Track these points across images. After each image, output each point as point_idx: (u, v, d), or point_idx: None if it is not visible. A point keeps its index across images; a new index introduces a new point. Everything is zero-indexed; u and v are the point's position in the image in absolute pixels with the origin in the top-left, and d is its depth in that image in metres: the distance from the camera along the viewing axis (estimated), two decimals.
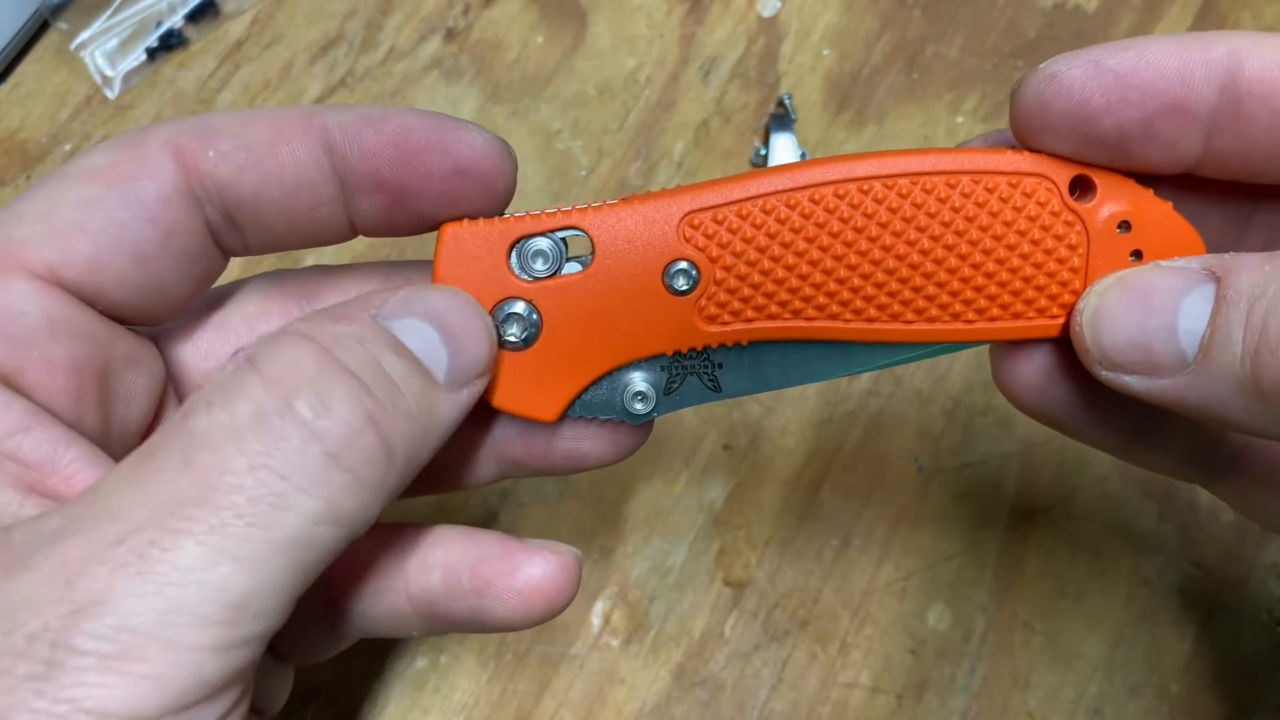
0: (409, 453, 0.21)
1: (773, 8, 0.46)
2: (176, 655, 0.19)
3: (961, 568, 0.38)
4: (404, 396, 0.21)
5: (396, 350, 0.22)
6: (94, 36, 0.45)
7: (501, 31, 0.46)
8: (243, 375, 0.20)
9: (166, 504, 0.19)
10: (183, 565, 0.19)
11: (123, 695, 0.18)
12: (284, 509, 0.19)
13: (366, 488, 0.20)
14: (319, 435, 0.20)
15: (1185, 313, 0.22)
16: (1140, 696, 0.37)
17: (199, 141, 0.24)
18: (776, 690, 0.37)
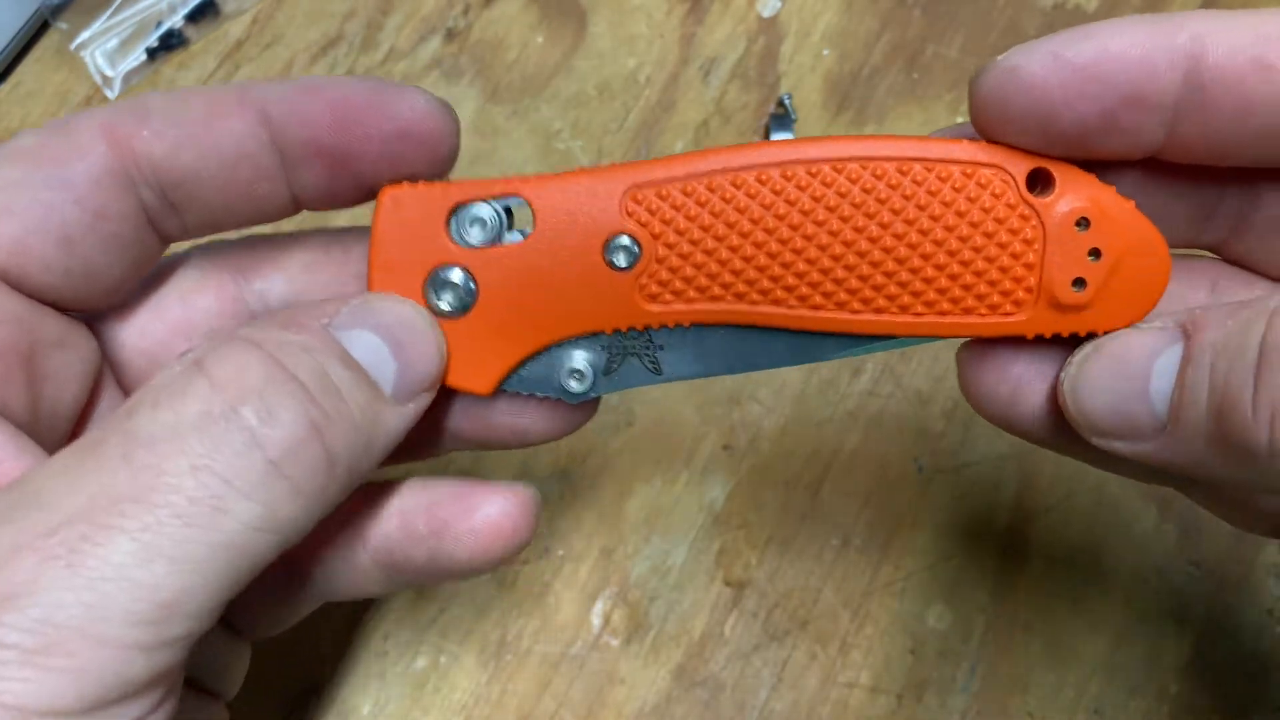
0: (351, 463, 0.21)
1: (773, 8, 0.46)
2: (102, 652, 0.19)
3: (961, 568, 0.38)
4: (349, 407, 0.21)
5: (344, 361, 0.22)
6: (94, 36, 0.45)
7: (501, 31, 0.46)
8: (190, 376, 0.20)
9: (102, 499, 0.19)
10: (115, 561, 0.19)
11: (43, 690, 0.18)
12: (223, 512, 0.19)
13: (306, 496, 0.20)
14: (262, 442, 0.20)
15: (1157, 374, 0.22)
16: (1140, 696, 0.37)
17: (132, 122, 0.23)
18: (776, 690, 0.37)
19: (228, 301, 0.26)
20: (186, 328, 0.26)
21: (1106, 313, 0.24)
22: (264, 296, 0.27)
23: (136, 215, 0.24)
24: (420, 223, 0.24)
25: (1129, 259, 0.23)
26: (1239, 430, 0.20)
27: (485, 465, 0.39)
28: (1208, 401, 0.21)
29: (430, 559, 0.25)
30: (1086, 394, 0.23)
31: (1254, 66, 0.21)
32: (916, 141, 0.24)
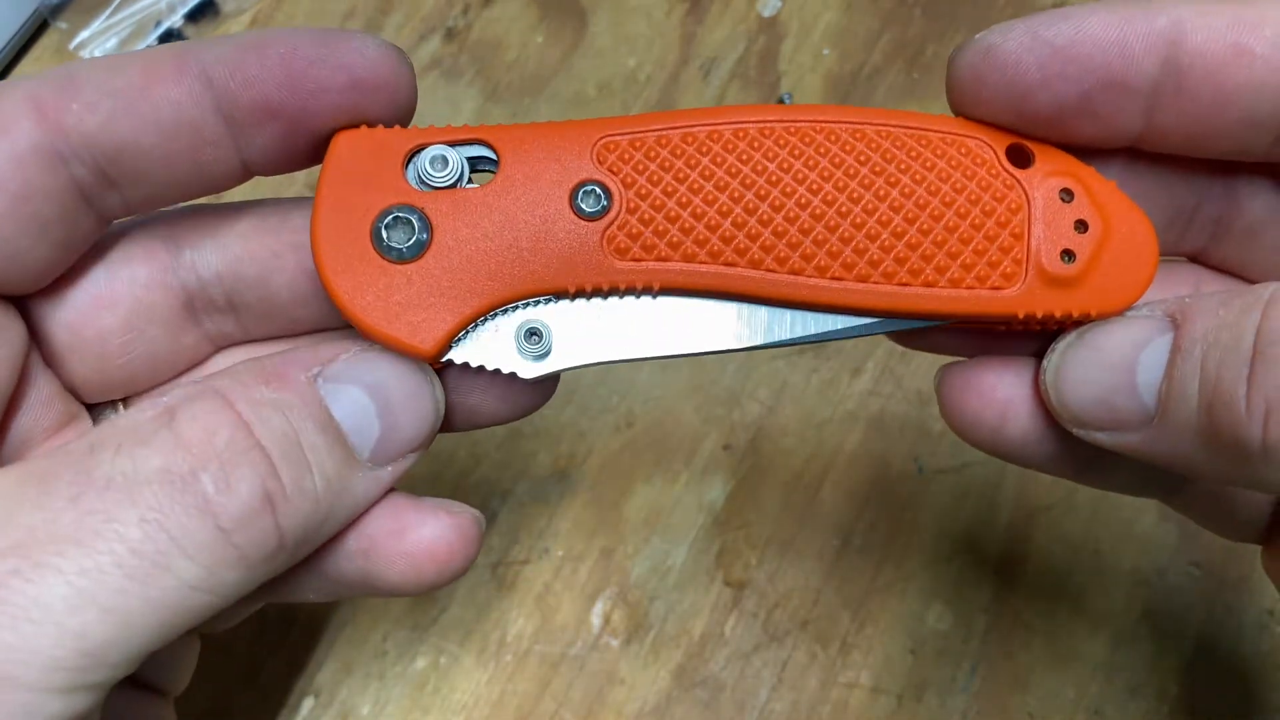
0: (303, 536, 0.21)
1: (773, 7, 0.46)
2: (15, 694, 0.18)
3: (962, 568, 0.38)
4: (313, 478, 0.21)
5: (321, 425, 0.21)
6: (93, 36, 0.45)
7: (501, 31, 0.46)
8: (157, 428, 0.20)
9: (42, 535, 0.18)
10: (44, 602, 0.18)
11: None
12: (164, 569, 0.19)
13: (251, 565, 0.20)
14: (215, 510, 0.19)
15: (1143, 366, 0.21)
16: (1140, 697, 0.37)
17: (61, 94, 0.21)
18: (776, 690, 0.37)
19: (157, 271, 0.25)
20: (112, 300, 0.24)
21: (1098, 293, 0.23)
22: (195, 266, 0.25)
23: (67, 194, 0.22)
24: (374, 164, 0.23)
25: (1116, 235, 0.23)
26: (1231, 427, 0.19)
27: (484, 466, 0.39)
28: (1198, 396, 0.20)
29: (361, 576, 0.24)
30: (1069, 384, 0.23)
31: (1232, 51, 0.21)
32: (899, 113, 0.24)
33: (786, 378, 0.41)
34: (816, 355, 0.41)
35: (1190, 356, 0.20)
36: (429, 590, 0.24)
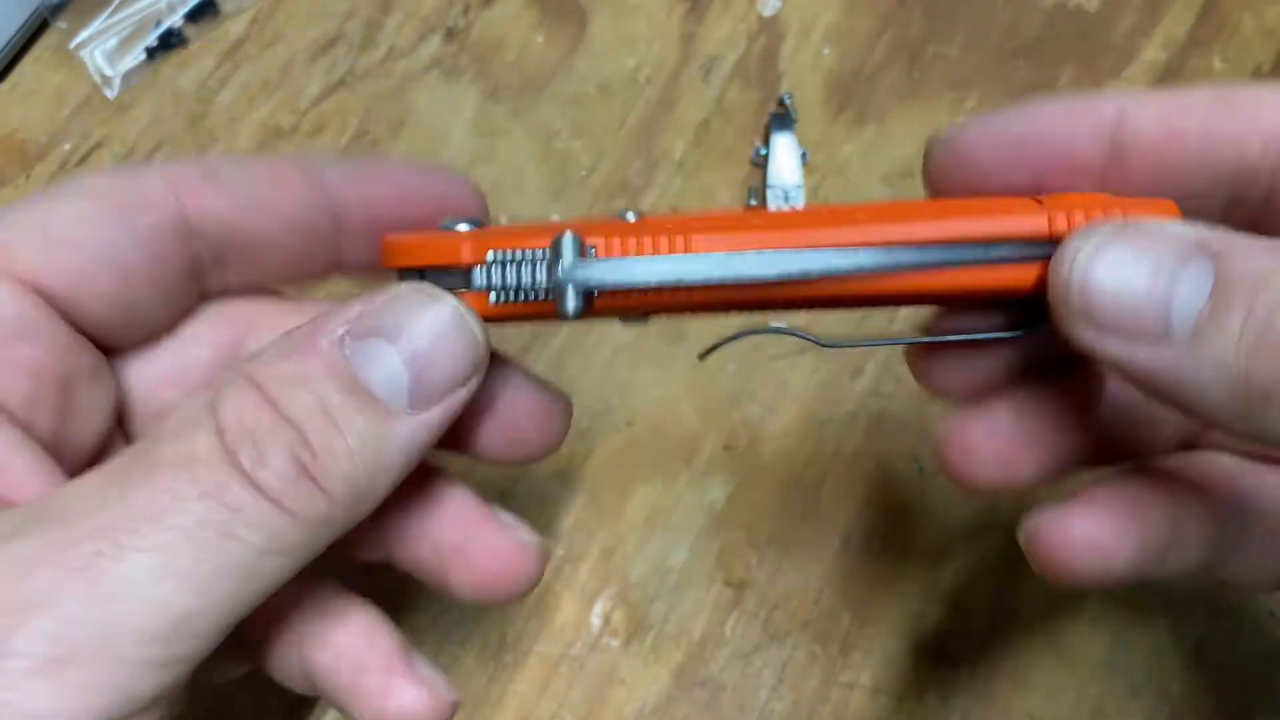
0: (352, 492, 0.22)
1: (773, 7, 0.46)
2: (114, 666, 0.19)
3: (962, 568, 0.38)
4: (344, 438, 0.21)
5: (345, 389, 0.22)
6: (93, 36, 0.45)
7: (501, 31, 0.46)
8: (201, 415, 0.21)
9: (119, 518, 0.20)
10: (129, 577, 0.19)
11: (56, 701, 0.19)
12: (230, 537, 0.20)
13: (310, 525, 0.21)
14: (259, 483, 0.21)
15: (1184, 283, 0.20)
16: (1141, 697, 0.37)
17: (199, 179, 0.25)
18: (777, 691, 0.37)
19: (222, 355, 0.26)
20: (180, 377, 0.26)
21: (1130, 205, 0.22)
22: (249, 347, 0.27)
23: (189, 266, 0.25)
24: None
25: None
26: (1272, 371, 0.19)
27: (484, 466, 0.39)
28: (1241, 335, 0.19)
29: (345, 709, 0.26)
30: (1098, 279, 0.21)
31: (1168, 134, 0.23)
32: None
33: (787, 378, 0.41)
34: (817, 356, 0.41)
35: (1237, 292, 0.20)
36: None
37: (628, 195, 0.43)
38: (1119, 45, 0.46)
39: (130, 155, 0.43)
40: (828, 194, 0.43)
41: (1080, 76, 0.45)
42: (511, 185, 0.43)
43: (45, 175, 0.43)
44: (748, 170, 0.44)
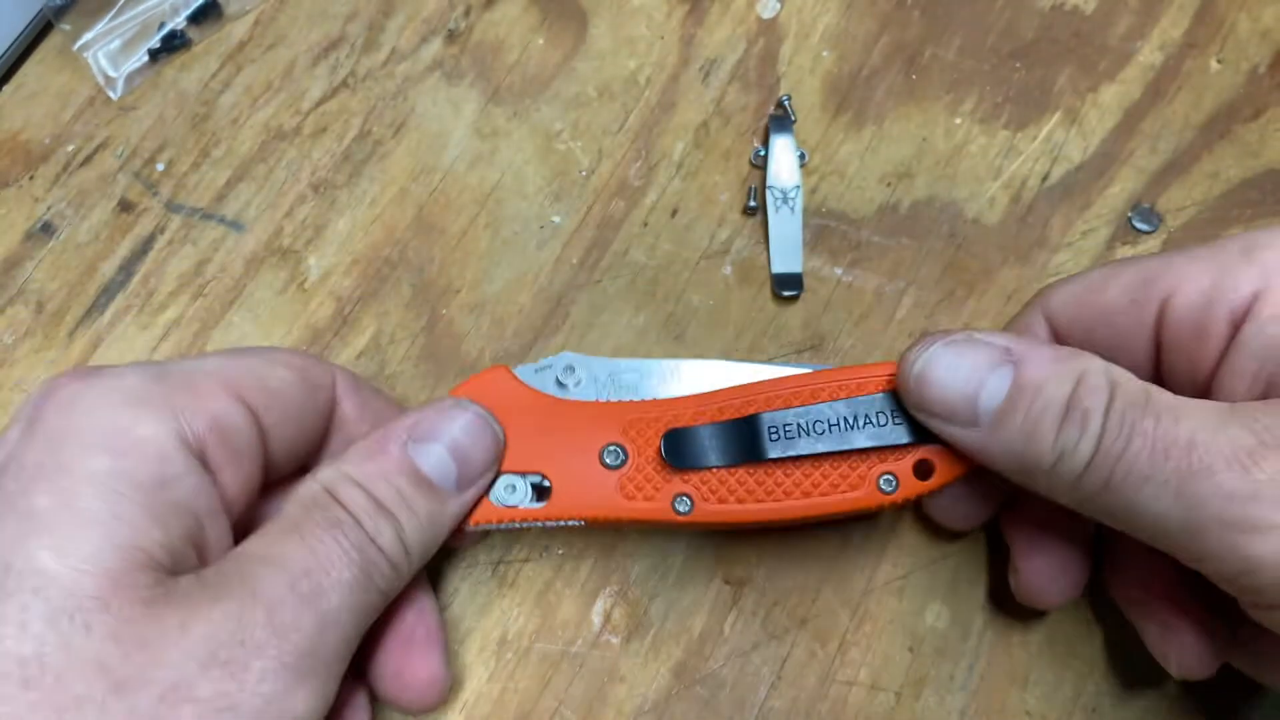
0: (423, 549, 0.32)
1: (772, 9, 0.47)
2: (330, 680, 0.28)
3: (960, 566, 0.38)
4: (417, 515, 0.31)
5: (414, 481, 0.31)
6: (97, 37, 0.45)
7: (502, 33, 0.46)
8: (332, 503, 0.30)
9: (314, 560, 0.28)
10: (333, 609, 0.28)
11: (304, 703, 0.27)
12: (372, 582, 0.29)
13: (401, 572, 0.31)
14: (379, 547, 0.30)
15: (989, 385, 0.30)
16: (1137, 694, 0.37)
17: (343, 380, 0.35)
18: (776, 688, 0.37)
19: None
20: None
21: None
22: None
23: (323, 433, 0.35)
24: None
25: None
26: (1035, 456, 0.29)
27: None
28: (1021, 426, 0.29)
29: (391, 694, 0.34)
30: (931, 379, 0.31)
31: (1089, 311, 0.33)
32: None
33: None
34: (815, 356, 0.41)
35: (1023, 394, 0.29)
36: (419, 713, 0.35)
37: (628, 196, 0.43)
38: (1115, 47, 0.46)
39: (133, 156, 0.44)
40: (826, 194, 0.43)
41: (1077, 78, 0.45)
42: (512, 186, 0.44)
43: (49, 176, 0.43)
44: (747, 171, 0.44)
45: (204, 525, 0.29)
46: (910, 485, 0.33)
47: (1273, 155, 0.44)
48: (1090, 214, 0.43)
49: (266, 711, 0.26)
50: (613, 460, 0.34)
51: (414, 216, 0.43)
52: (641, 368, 0.36)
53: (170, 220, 0.43)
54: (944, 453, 0.33)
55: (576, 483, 0.34)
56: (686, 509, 0.33)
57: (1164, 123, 0.45)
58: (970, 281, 0.42)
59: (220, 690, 0.25)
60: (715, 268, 0.42)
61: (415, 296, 0.42)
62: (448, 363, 0.41)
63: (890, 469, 0.33)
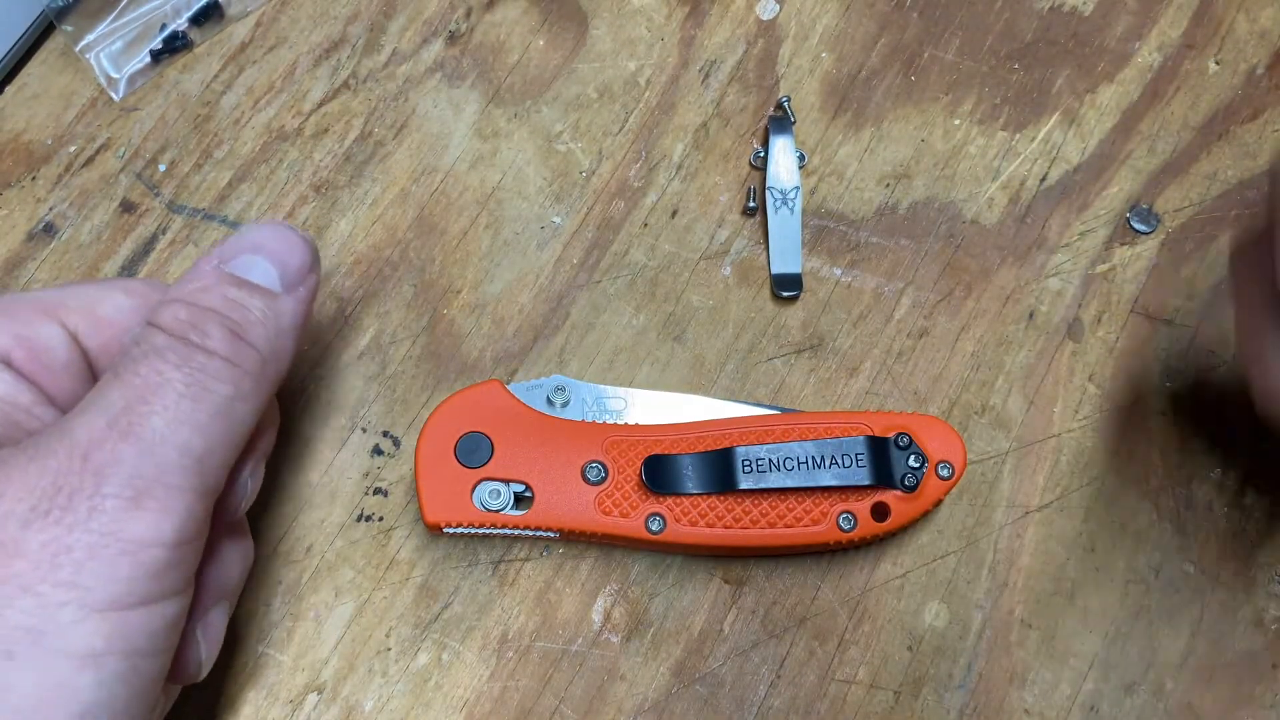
0: (269, 342, 0.31)
1: (771, 11, 0.47)
2: (177, 495, 0.28)
3: (958, 565, 0.39)
4: (249, 310, 0.31)
5: (237, 284, 0.31)
6: (99, 39, 0.45)
7: (503, 34, 0.46)
8: (146, 333, 0.30)
9: (131, 399, 0.28)
10: (158, 430, 0.27)
11: (148, 527, 0.27)
12: (207, 390, 0.29)
13: (253, 375, 0.30)
14: (211, 350, 0.29)
15: None
16: (1136, 694, 0.37)
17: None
18: (775, 686, 0.37)
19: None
20: None
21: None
22: None
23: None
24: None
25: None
26: None
27: None
28: None
29: None
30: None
31: None
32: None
33: (785, 377, 0.41)
34: (814, 356, 0.41)
35: None
36: None
37: (628, 196, 0.44)
38: (1113, 48, 0.46)
39: (135, 157, 0.44)
40: (825, 195, 0.44)
41: (1075, 79, 0.46)
42: (513, 187, 0.44)
43: (51, 177, 0.43)
44: (746, 172, 0.44)
45: (19, 420, 0.30)
46: (867, 525, 0.36)
47: (1271, 156, 0.44)
48: (1088, 215, 0.43)
49: (105, 543, 0.26)
50: (594, 476, 0.36)
51: (415, 217, 0.43)
52: (627, 395, 0.38)
53: (172, 221, 0.43)
54: (901, 497, 0.36)
55: (557, 494, 0.36)
56: (659, 528, 0.35)
57: (1162, 124, 0.45)
58: (969, 282, 0.42)
59: (49, 538, 0.26)
60: (715, 268, 0.43)
61: (416, 297, 0.42)
62: (448, 363, 0.41)
63: (850, 508, 0.36)
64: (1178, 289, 0.42)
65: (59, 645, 0.26)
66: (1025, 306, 0.42)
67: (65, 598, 0.26)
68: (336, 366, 0.41)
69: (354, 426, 0.40)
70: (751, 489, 0.35)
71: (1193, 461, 0.40)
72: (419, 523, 0.39)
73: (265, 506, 0.39)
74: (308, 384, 0.41)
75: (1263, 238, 0.31)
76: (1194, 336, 0.42)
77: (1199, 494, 0.40)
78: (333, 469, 0.39)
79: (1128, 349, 0.42)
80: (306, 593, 0.38)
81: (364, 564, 0.38)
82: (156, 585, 0.27)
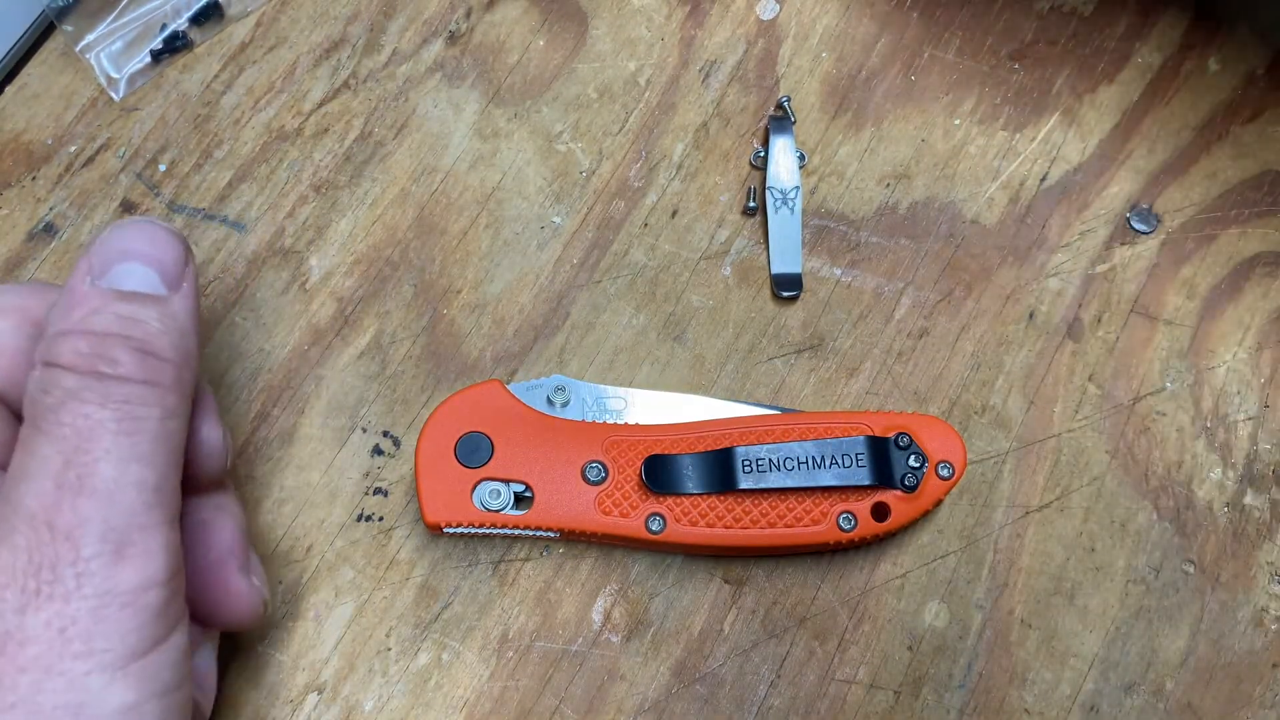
0: (177, 348, 0.30)
1: (771, 11, 0.47)
2: (150, 533, 0.27)
3: (958, 565, 0.39)
4: (147, 323, 0.29)
5: (123, 299, 0.29)
6: (99, 39, 0.45)
7: (503, 34, 0.46)
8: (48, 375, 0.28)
9: (68, 444, 0.27)
10: (109, 476, 0.27)
11: (137, 573, 0.27)
12: (140, 419, 0.28)
13: (174, 387, 0.29)
14: (124, 377, 0.28)
15: None
16: (1136, 694, 0.37)
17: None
18: (775, 686, 0.37)
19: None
20: None
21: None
22: None
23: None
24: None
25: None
26: None
27: None
28: None
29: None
30: None
31: None
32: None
33: (785, 377, 0.41)
34: (814, 355, 0.41)
35: None
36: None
37: (628, 196, 0.44)
38: (1113, 48, 0.46)
39: (135, 157, 0.44)
40: (825, 195, 0.44)
41: (1075, 79, 0.46)
42: (513, 187, 0.44)
43: (51, 177, 0.43)
44: (746, 172, 0.44)
45: None
46: (867, 525, 0.36)
47: (1270, 156, 0.44)
48: (1088, 214, 0.43)
49: (104, 603, 0.26)
50: (594, 476, 0.36)
51: (415, 217, 0.43)
52: (627, 395, 0.38)
53: (172, 221, 0.43)
54: (901, 497, 0.36)
55: (557, 494, 0.36)
56: (659, 528, 0.35)
57: (1162, 124, 0.45)
58: (969, 282, 0.42)
59: (50, 616, 0.26)
60: (715, 268, 0.43)
61: (416, 297, 0.42)
62: (449, 362, 0.41)
63: (850, 508, 0.36)
64: (1178, 289, 0.42)
65: (99, 712, 0.26)
66: (1025, 306, 0.42)
67: (87, 667, 0.26)
68: (336, 366, 0.41)
69: (354, 426, 0.40)
70: (751, 489, 0.35)
71: (1193, 461, 0.40)
72: (419, 523, 0.39)
73: (265, 506, 0.39)
74: (308, 384, 0.41)
75: None
76: (1194, 336, 0.42)
77: (1199, 494, 0.40)
78: (333, 469, 0.39)
79: (1128, 349, 0.42)
80: (306, 593, 0.38)
81: (364, 564, 0.38)
82: (164, 622, 0.28)
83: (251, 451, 0.40)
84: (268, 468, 0.39)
